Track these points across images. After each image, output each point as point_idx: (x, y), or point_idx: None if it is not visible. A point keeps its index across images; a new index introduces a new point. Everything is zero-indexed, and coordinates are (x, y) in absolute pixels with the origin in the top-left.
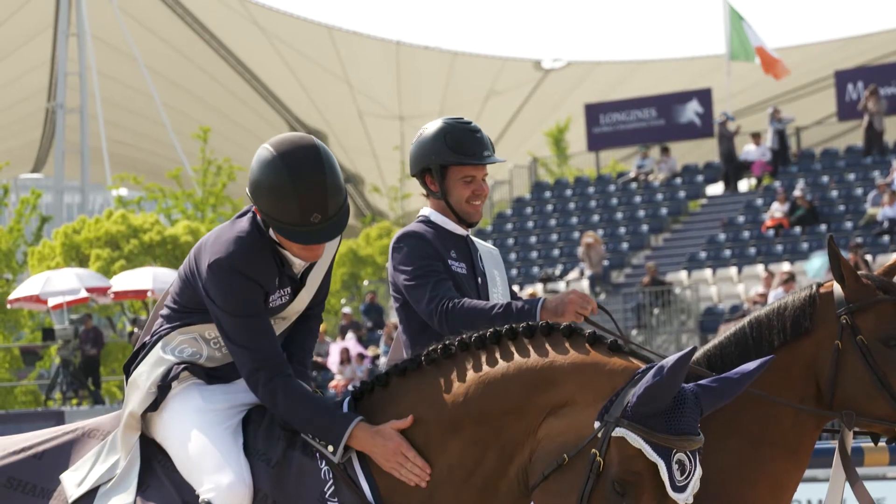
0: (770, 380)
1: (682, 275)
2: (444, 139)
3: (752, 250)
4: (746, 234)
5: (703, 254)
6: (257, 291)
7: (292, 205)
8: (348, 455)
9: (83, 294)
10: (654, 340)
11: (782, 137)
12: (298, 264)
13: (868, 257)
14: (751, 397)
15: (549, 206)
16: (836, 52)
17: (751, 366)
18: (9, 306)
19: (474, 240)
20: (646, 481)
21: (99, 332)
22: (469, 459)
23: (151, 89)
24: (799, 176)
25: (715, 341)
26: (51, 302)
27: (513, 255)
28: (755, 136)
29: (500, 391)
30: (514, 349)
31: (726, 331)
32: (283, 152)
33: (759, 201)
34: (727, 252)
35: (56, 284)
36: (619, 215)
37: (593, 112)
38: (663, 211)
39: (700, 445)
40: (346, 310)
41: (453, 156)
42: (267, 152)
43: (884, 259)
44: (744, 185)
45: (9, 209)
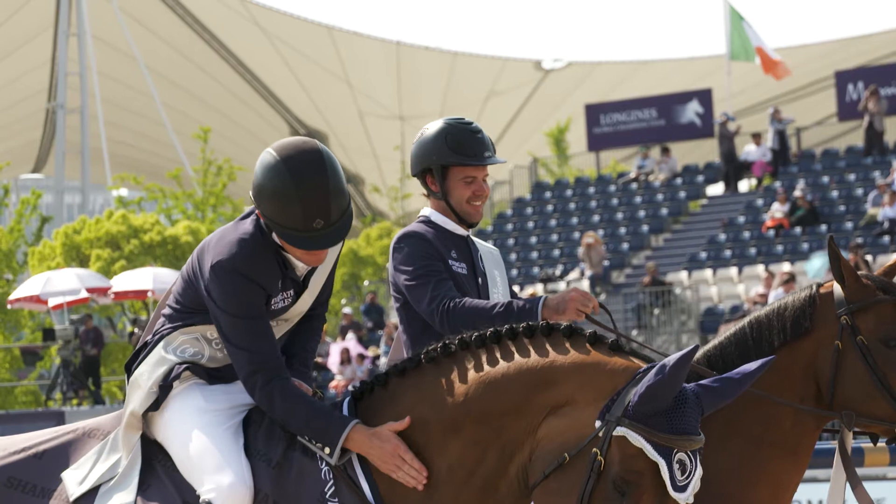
0: (770, 380)
1: (683, 275)
2: (445, 139)
3: (753, 250)
4: (747, 234)
5: (703, 254)
6: (259, 294)
7: (295, 210)
8: (346, 457)
9: (83, 294)
10: (654, 341)
11: (783, 138)
12: (301, 267)
13: (868, 257)
14: (751, 397)
15: (550, 207)
16: (837, 53)
17: (752, 366)
18: (9, 306)
19: (475, 240)
20: (647, 480)
21: (99, 332)
22: (469, 459)
23: (152, 89)
24: (799, 176)
25: (715, 341)
26: (51, 302)
27: (513, 256)
28: (755, 137)
29: (501, 391)
30: (514, 349)
31: (726, 331)
32: (286, 157)
33: (760, 201)
34: (727, 252)
35: (56, 285)
36: (619, 215)
37: (594, 112)
38: (664, 211)
39: (701, 445)
40: (347, 310)
41: (454, 156)
42: (270, 157)
43: (884, 259)
44: (744, 185)
45: (9, 209)
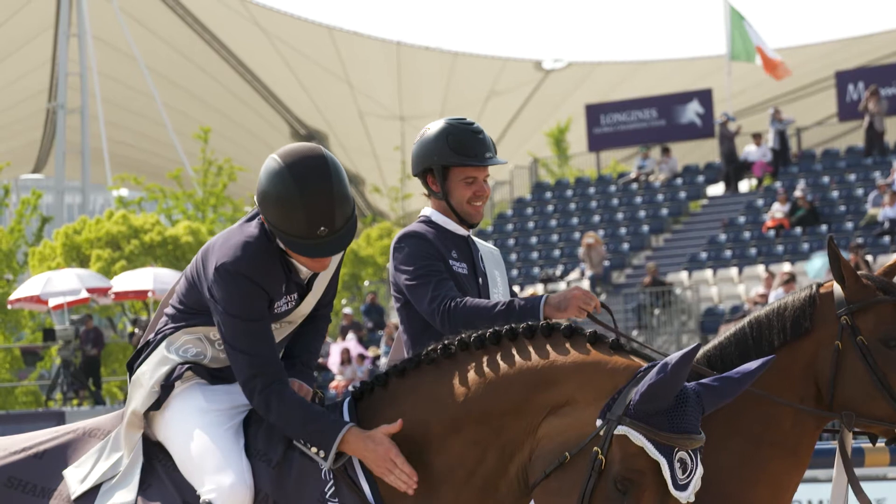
0: (770, 380)
1: (683, 275)
2: (447, 140)
3: (753, 251)
4: (747, 234)
5: (703, 254)
6: (262, 297)
7: (299, 216)
8: (342, 461)
9: (84, 294)
10: (654, 341)
11: (783, 138)
12: (305, 271)
13: (869, 258)
14: (751, 397)
15: (550, 207)
16: (837, 53)
17: (752, 365)
18: (9, 307)
19: (475, 240)
20: (648, 479)
21: (99, 332)
22: (469, 459)
23: (152, 90)
24: (800, 176)
25: (715, 341)
26: (51, 302)
27: (513, 256)
28: (756, 137)
29: (501, 391)
30: (514, 349)
31: (726, 331)
32: (290, 163)
33: (760, 202)
34: (728, 252)
35: (57, 285)
36: (619, 216)
37: (594, 112)
38: (664, 211)
39: (702, 444)
40: (347, 310)
41: (455, 157)
42: (274, 163)
43: (884, 259)
44: (744, 185)
45: (9, 209)
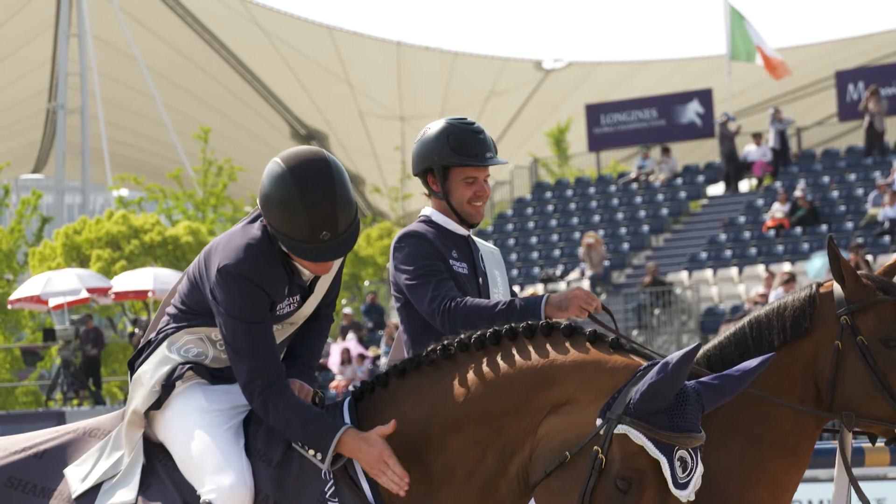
0: (770, 380)
1: (683, 275)
2: (447, 140)
3: (753, 251)
4: (747, 234)
5: (703, 254)
6: (264, 300)
7: (301, 220)
8: (340, 462)
9: (84, 294)
10: (654, 341)
11: (783, 138)
12: (307, 272)
13: (869, 257)
14: (751, 397)
15: (550, 207)
16: (837, 53)
17: (752, 363)
18: (10, 307)
19: (475, 240)
20: (648, 478)
21: (100, 332)
22: (469, 459)
23: (152, 90)
24: (800, 176)
25: (715, 341)
26: (51, 302)
27: (514, 256)
28: (756, 137)
29: (501, 391)
30: (514, 349)
31: (726, 331)
32: (293, 167)
33: (760, 201)
34: (728, 252)
35: (57, 285)
36: (619, 216)
37: (594, 112)
38: (664, 211)
39: (702, 442)
40: (347, 310)
41: (456, 157)
42: (277, 166)
43: (885, 259)
44: (744, 185)
45: (10, 210)
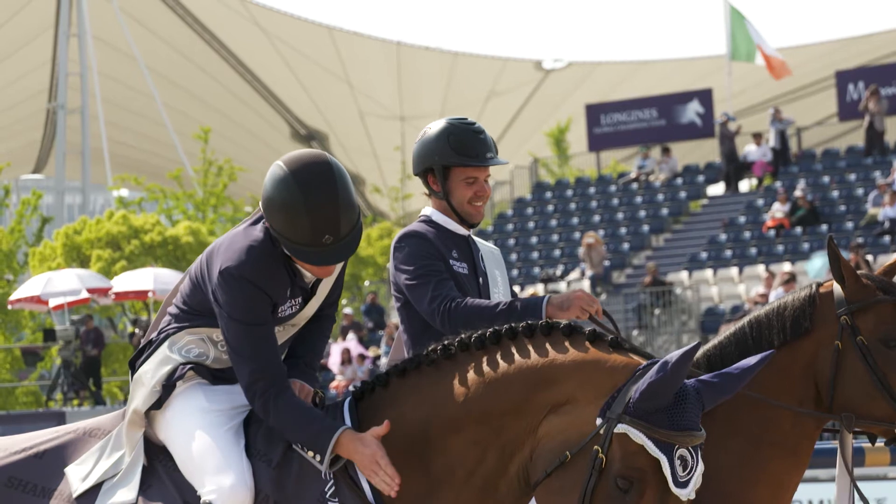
0: (770, 380)
1: (683, 275)
2: (448, 140)
3: (753, 250)
4: (747, 234)
5: (703, 254)
6: (266, 302)
7: (304, 224)
8: (341, 463)
9: (84, 295)
10: (655, 341)
11: (783, 138)
12: (310, 275)
13: (869, 257)
14: (751, 397)
15: (550, 207)
16: (837, 53)
17: (751, 361)
18: (10, 307)
19: (476, 239)
20: (648, 477)
21: (100, 332)
22: (469, 459)
23: (152, 90)
24: (800, 176)
25: (714, 341)
26: (52, 303)
27: (514, 256)
28: (756, 137)
29: (501, 391)
30: (513, 349)
31: (726, 331)
32: (295, 170)
33: (760, 201)
34: (728, 252)
35: (57, 285)
36: (619, 216)
37: (594, 112)
38: (664, 211)
39: (702, 441)
40: (347, 310)
41: (456, 157)
42: (279, 169)
43: (885, 259)
44: (745, 185)
45: (10, 210)
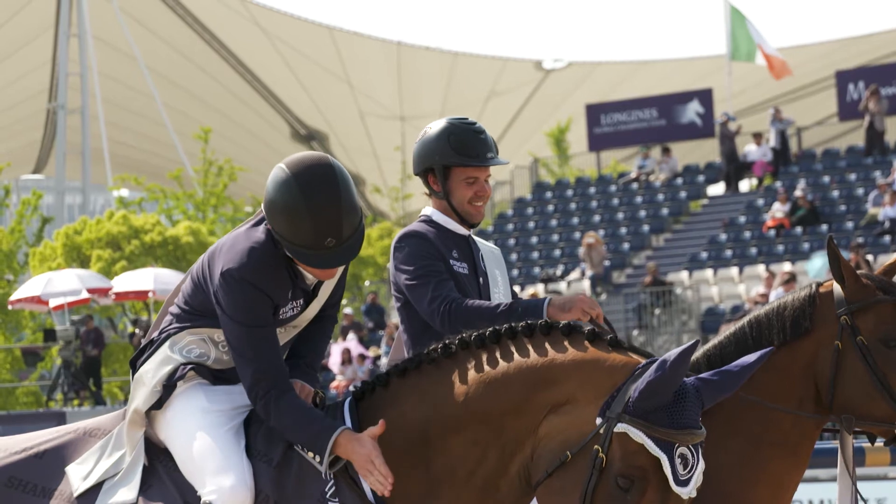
0: (770, 380)
1: (684, 275)
2: (448, 139)
3: (754, 250)
4: (747, 234)
5: (704, 254)
6: (267, 304)
7: (306, 226)
8: (341, 464)
9: (84, 295)
10: (655, 341)
11: (783, 137)
12: (311, 277)
13: (869, 257)
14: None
15: (551, 207)
16: (837, 53)
17: (750, 358)
18: (10, 307)
19: (476, 239)
20: (649, 476)
21: (100, 332)
22: (470, 459)
23: (152, 90)
24: (800, 176)
25: (714, 341)
26: (52, 303)
27: (514, 256)
28: (756, 137)
29: (501, 391)
30: (513, 348)
31: (726, 331)
32: (297, 172)
33: (761, 201)
34: (728, 252)
35: (57, 285)
36: (620, 215)
37: (594, 112)
38: (664, 211)
39: (702, 439)
40: (348, 310)
41: (456, 157)
42: (281, 172)
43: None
44: (745, 185)
45: (10, 210)
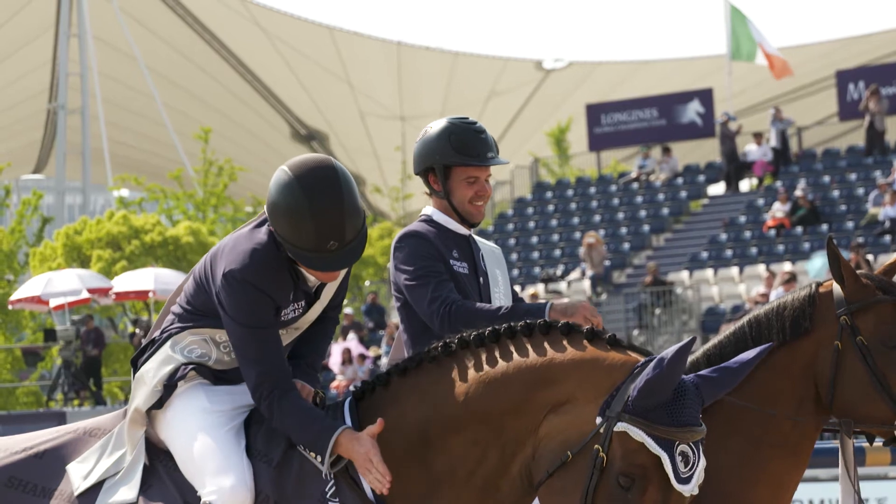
0: (770, 380)
1: (684, 275)
2: (449, 139)
3: (754, 250)
4: (748, 233)
5: (704, 254)
6: (269, 305)
7: (308, 229)
8: (342, 464)
9: (84, 295)
10: (655, 341)
11: (784, 137)
12: (313, 279)
13: (870, 257)
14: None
15: (551, 207)
16: (838, 52)
17: (749, 354)
18: (10, 307)
19: (476, 239)
20: (650, 474)
21: (100, 332)
22: (470, 458)
23: (152, 90)
24: (800, 176)
25: (714, 341)
26: (52, 303)
27: (514, 256)
28: (756, 136)
29: (501, 390)
30: (512, 348)
31: (726, 330)
32: (300, 175)
33: (761, 201)
34: (728, 252)
35: (57, 285)
36: (620, 215)
37: (594, 112)
38: (665, 211)
39: (703, 436)
40: (348, 310)
41: (457, 156)
42: (284, 174)
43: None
44: (745, 184)
45: (10, 210)
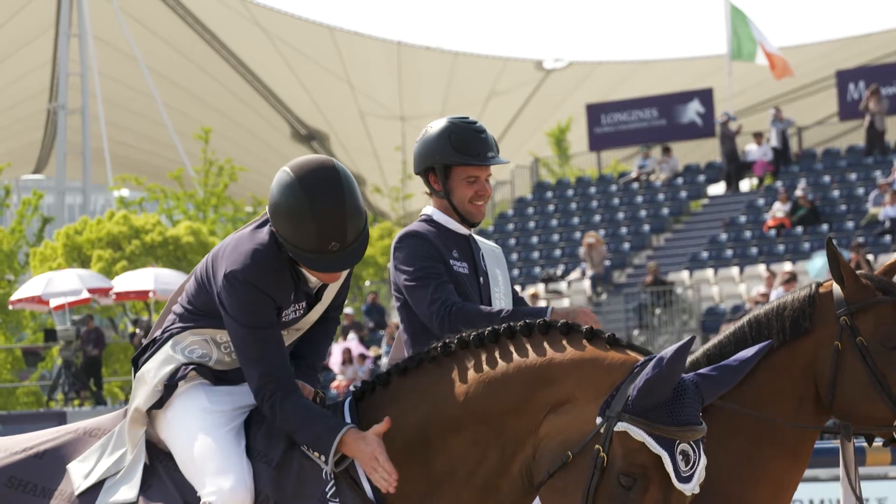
0: (770, 380)
1: (684, 275)
2: (449, 139)
3: (754, 250)
4: (748, 233)
5: (704, 254)
6: (270, 306)
7: (310, 230)
8: (346, 463)
9: (85, 295)
10: (655, 340)
11: (784, 137)
12: (314, 280)
13: (870, 257)
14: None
15: (551, 207)
16: (838, 52)
17: (749, 352)
18: (11, 307)
19: (477, 238)
20: (651, 474)
21: (101, 332)
22: (470, 458)
23: (153, 90)
24: (800, 176)
25: (714, 340)
26: (53, 303)
27: (514, 256)
28: (757, 136)
29: (501, 390)
30: (512, 348)
31: (726, 330)
32: (301, 175)
33: (761, 201)
34: (729, 252)
35: (58, 285)
36: (620, 215)
37: (595, 112)
38: (665, 211)
39: (703, 434)
40: (348, 310)
41: (457, 156)
42: (286, 175)
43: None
44: (745, 184)
45: (10, 210)
